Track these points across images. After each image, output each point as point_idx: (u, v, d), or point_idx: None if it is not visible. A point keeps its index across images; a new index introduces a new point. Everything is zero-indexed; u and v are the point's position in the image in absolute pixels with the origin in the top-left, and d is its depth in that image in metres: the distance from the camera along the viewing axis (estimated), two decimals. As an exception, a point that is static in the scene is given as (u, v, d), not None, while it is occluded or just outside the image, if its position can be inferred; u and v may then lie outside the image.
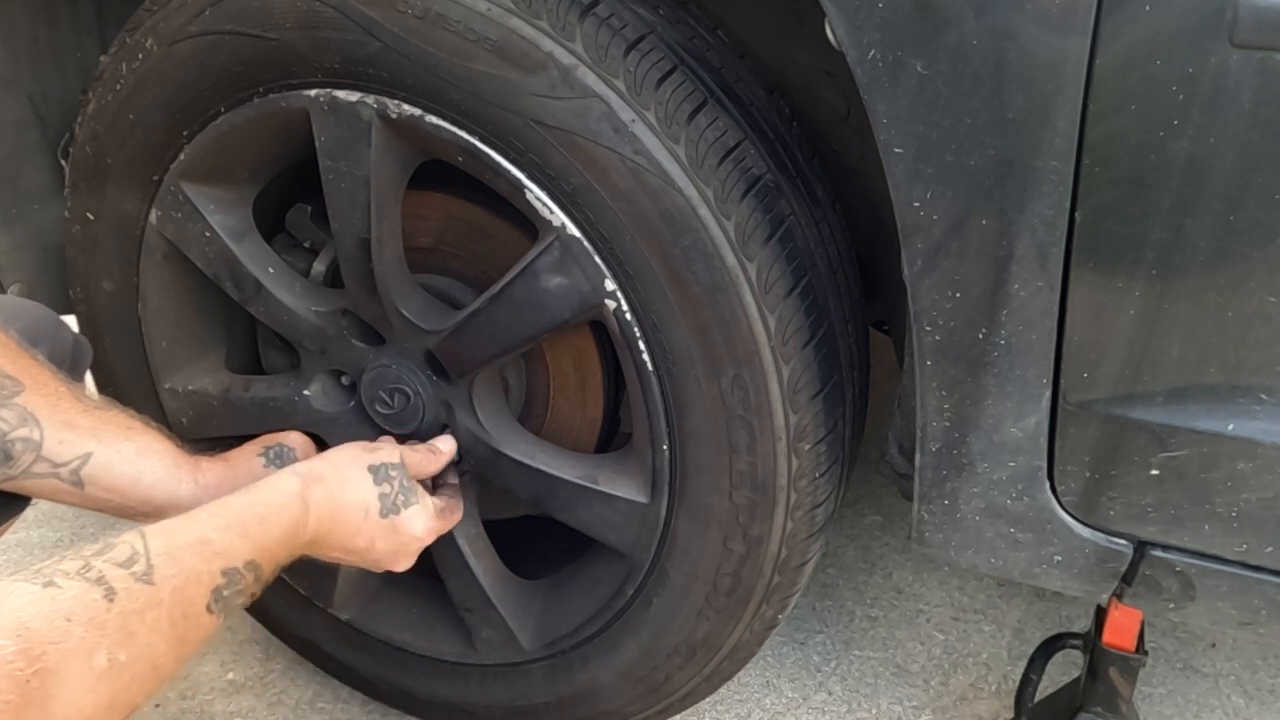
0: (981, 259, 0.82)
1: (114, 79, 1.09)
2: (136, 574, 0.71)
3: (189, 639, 0.75)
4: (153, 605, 0.71)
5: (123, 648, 0.68)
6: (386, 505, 0.99)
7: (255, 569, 0.82)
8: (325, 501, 0.94)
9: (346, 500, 0.96)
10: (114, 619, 0.68)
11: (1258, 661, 1.53)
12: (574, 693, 1.22)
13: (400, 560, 1.03)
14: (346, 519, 0.96)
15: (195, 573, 0.76)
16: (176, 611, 0.73)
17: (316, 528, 0.93)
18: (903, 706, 1.45)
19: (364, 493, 0.98)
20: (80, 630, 0.66)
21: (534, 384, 1.18)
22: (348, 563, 1.02)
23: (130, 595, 0.70)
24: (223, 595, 0.78)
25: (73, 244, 1.21)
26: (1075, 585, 0.98)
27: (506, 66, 0.91)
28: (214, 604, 0.77)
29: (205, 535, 0.80)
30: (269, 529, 0.87)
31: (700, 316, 0.95)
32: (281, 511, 0.89)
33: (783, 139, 1.00)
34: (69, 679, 0.64)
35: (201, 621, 0.76)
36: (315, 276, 1.18)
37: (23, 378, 0.89)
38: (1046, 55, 0.73)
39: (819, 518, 1.06)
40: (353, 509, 0.97)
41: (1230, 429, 0.83)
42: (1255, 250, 0.76)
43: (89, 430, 0.92)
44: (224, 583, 0.78)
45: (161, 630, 0.72)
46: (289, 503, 0.91)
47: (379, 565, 1.03)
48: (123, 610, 0.69)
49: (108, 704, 0.66)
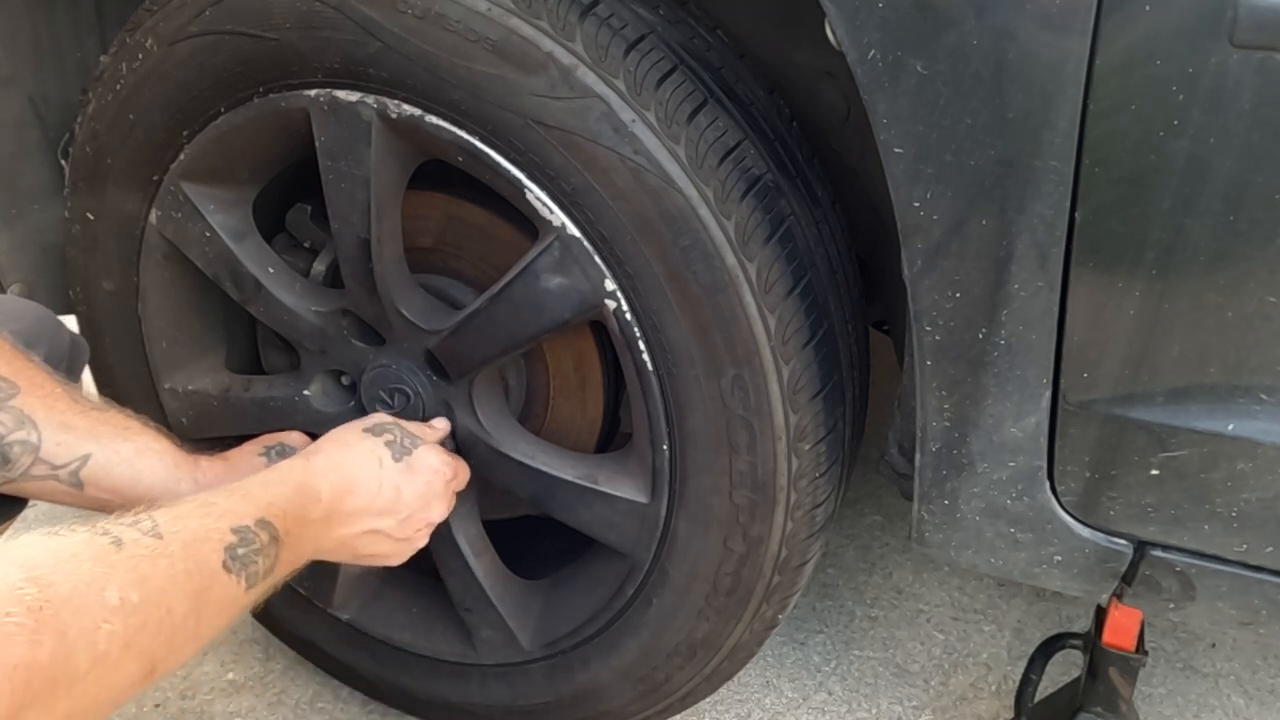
0: (981, 259, 0.82)
1: (114, 79, 1.09)
2: (143, 529, 0.70)
3: (207, 597, 0.73)
4: (163, 555, 0.70)
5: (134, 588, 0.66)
6: (396, 450, 0.98)
7: (267, 527, 0.80)
8: (331, 465, 0.93)
9: (355, 458, 0.95)
10: (123, 560, 0.67)
11: (1258, 661, 1.53)
12: (574, 693, 1.22)
13: (434, 503, 1.01)
14: (362, 476, 0.95)
15: (204, 530, 0.75)
16: (190, 563, 0.72)
17: (332, 490, 0.91)
18: (903, 706, 1.45)
19: (369, 446, 0.97)
20: (88, 565, 0.64)
21: (534, 384, 1.18)
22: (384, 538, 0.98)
23: (139, 544, 0.69)
24: (237, 554, 0.76)
25: (73, 244, 1.21)
26: (1075, 585, 0.98)
27: (506, 66, 0.91)
28: (230, 561, 0.75)
29: (209, 500, 0.79)
30: (274, 490, 0.85)
31: (700, 316, 0.95)
32: (285, 476, 0.88)
33: (783, 139, 1.00)
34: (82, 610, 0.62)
35: (220, 580, 0.74)
36: (315, 276, 1.18)
37: (19, 380, 0.89)
38: (1046, 55, 0.73)
39: (819, 518, 1.06)
40: (364, 463, 0.95)
41: (1230, 429, 0.83)
42: (1255, 250, 0.76)
43: (87, 431, 0.92)
44: (236, 540, 0.77)
45: (175, 579, 0.70)
46: (290, 469, 0.90)
47: (415, 517, 0.99)
48: (132, 554, 0.67)
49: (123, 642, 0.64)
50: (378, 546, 0.98)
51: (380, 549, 0.99)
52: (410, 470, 0.99)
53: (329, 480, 0.92)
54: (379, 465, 0.96)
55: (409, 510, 0.98)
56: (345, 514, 0.93)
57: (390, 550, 1.00)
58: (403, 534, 0.99)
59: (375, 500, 0.95)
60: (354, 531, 0.95)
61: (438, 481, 1.01)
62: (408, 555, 1.03)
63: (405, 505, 0.98)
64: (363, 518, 0.95)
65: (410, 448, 1.00)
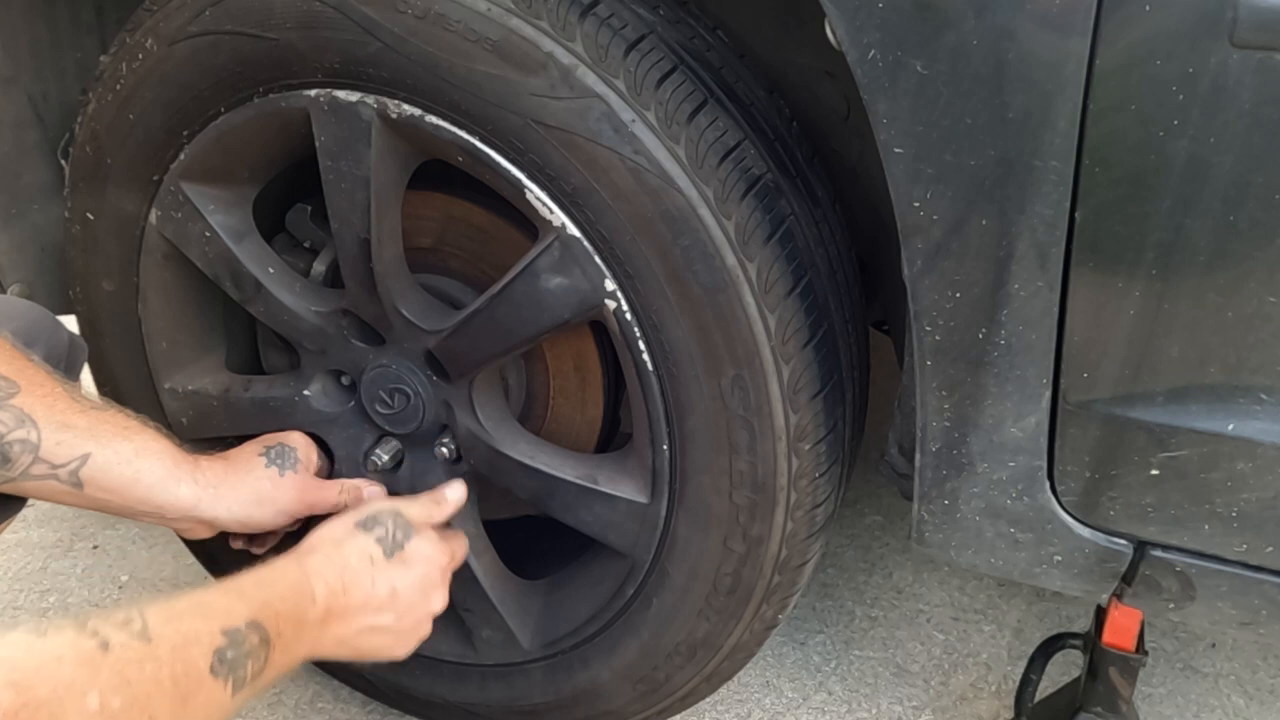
0: (981, 259, 0.82)
1: (114, 79, 1.09)
2: (133, 631, 0.69)
3: (193, 703, 0.71)
4: (150, 659, 0.69)
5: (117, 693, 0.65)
6: (387, 546, 0.97)
7: (259, 630, 0.79)
8: (325, 566, 0.91)
9: (347, 557, 0.94)
10: (108, 664, 0.66)
11: (1258, 661, 1.53)
12: (574, 693, 1.22)
13: (433, 595, 1.00)
14: (356, 575, 0.93)
15: (194, 632, 0.73)
16: (177, 668, 0.70)
17: (328, 591, 0.90)
18: (903, 706, 1.45)
19: (360, 543, 0.96)
20: (71, 670, 0.63)
21: (534, 384, 1.18)
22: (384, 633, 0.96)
23: (125, 647, 0.67)
24: (226, 657, 0.74)
25: (73, 244, 1.21)
26: (1075, 585, 0.98)
27: (506, 66, 0.91)
28: (218, 665, 0.74)
29: (202, 599, 0.77)
30: (268, 590, 0.84)
31: (700, 316, 0.95)
32: (279, 576, 0.87)
33: (783, 139, 1.00)
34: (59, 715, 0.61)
35: (205, 684, 0.73)
36: (315, 276, 1.18)
37: (18, 379, 0.89)
38: (1046, 55, 0.73)
39: (819, 518, 1.06)
40: (357, 562, 0.94)
41: (1230, 429, 0.83)
42: (1255, 250, 0.76)
43: (86, 430, 0.92)
44: (225, 643, 0.75)
45: (160, 684, 0.69)
46: (285, 569, 0.88)
47: (414, 612, 0.99)
48: (118, 659, 0.66)
49: None
50: (379, 641, 0.97)
51: (381, 643, 0.98)
52: (404, 565, 0.97)
53: (324, 580, 0.90)
54: (370, 564, 0.95)
55: (406, 604, 0.97)
56: (341, 613, 0.91)
57: (393, 643, 0.99)
58: (403, 627, 0.98)
59: (371, 599, 0.94)
60: (352, 630, 0.93)
61: (434, 572, 1.00)
62: (413, 647, 1.01)
63: (402, 600, 0.96)
64: (360, 616, 0.93)
65: (402, 541, 0.98)
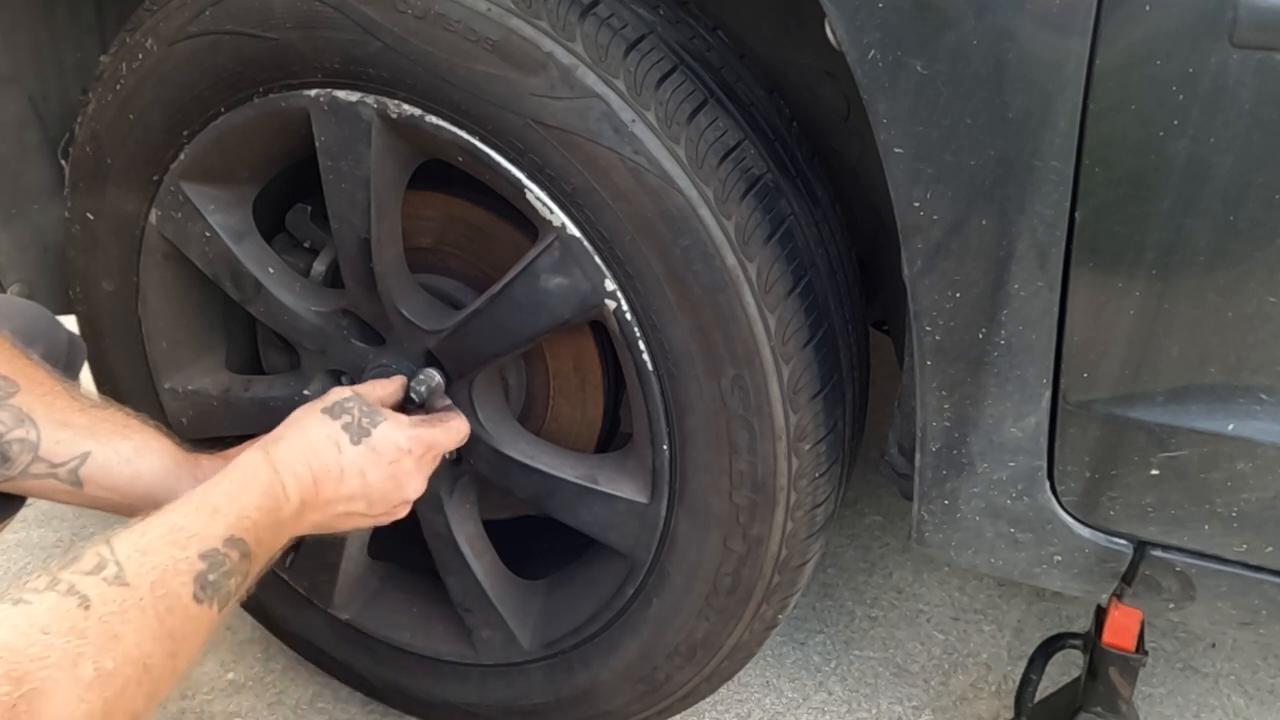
0: (981, 259, 0.82)
1: (114, 79, 1.09)
2: (108, 578, 0.68)
3: (181, 635, 0.72)
4: (133, 605, 0.68)
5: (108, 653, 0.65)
6: (354, 432, 0.94)
7: (237, 545, 0.78)
8: (293, 457, 0.90)
9: (314, 446, 0.92)
10: (94, 625, 0.66)
11: (1258, 661, 1.53)
12: (574, 693, 1.22)
13: (406, 482, 0.98)
14: (324, 464, 0.91)
15: (171, 562, 0.73)
16: (161, 606, 0.70)
17: (299, 486, 0.89)
18: (903, 706, 1.45)
19: (327, 431, 0.93)
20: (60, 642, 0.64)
21: (534, 384, 1.18)
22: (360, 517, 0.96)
23: (106, 599, 0.67)
24: (208, 581, 0.74)
25: (73, 244, 1.21)
26: (1075, 585, 0.98)
27: (506, 66, 0.91)
28: (200, 592, 0.73)
29: (174, 523, 0.76)
30: (242, 501, 0.83)
31: (700, 316, 0.95)
32: (249, 481, 0.85)
33: (783, 139, 1.00)
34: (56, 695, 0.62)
35: (191, 614, 0.73)
36: (315, 276, 1.18)
37: (17, 378, 0.89)
38: (1046, 55, 0.73)
39: (819, 518, 1.06)
40: (324, 450, 0.92)
41: (1230, 429, 0.83)
42: (1255, 250, 0.76)
43: (86, 429, 0.92)
44: (205, 567, 0.74)
45: (148, 628, 0.69)
46: (254, 470, 0.87)
47: (389, 499, 0.97)
48: (101, 615, 0.66)
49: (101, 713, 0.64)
50: (354, 521, 0.97)
51: (357, 523, 0.98)
52: (373, 453, 0.95)
53: (293, 473, 0.89)
54: (338, 450, 0.93)
55: (379, 493, 0.96)
56: (314, 504, 0.91)
57: (370, 523, 0.99)
58: (377, 511, 0.98)
59: (341, 488, 0.93)
60: (328, 516, 0.93)
61: (405, 461, 0.97)
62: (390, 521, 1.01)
63: (373, 489, 0.95)
64: (334, 505, 0.93)
65: (369, 428, 0.95)
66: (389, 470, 0.96)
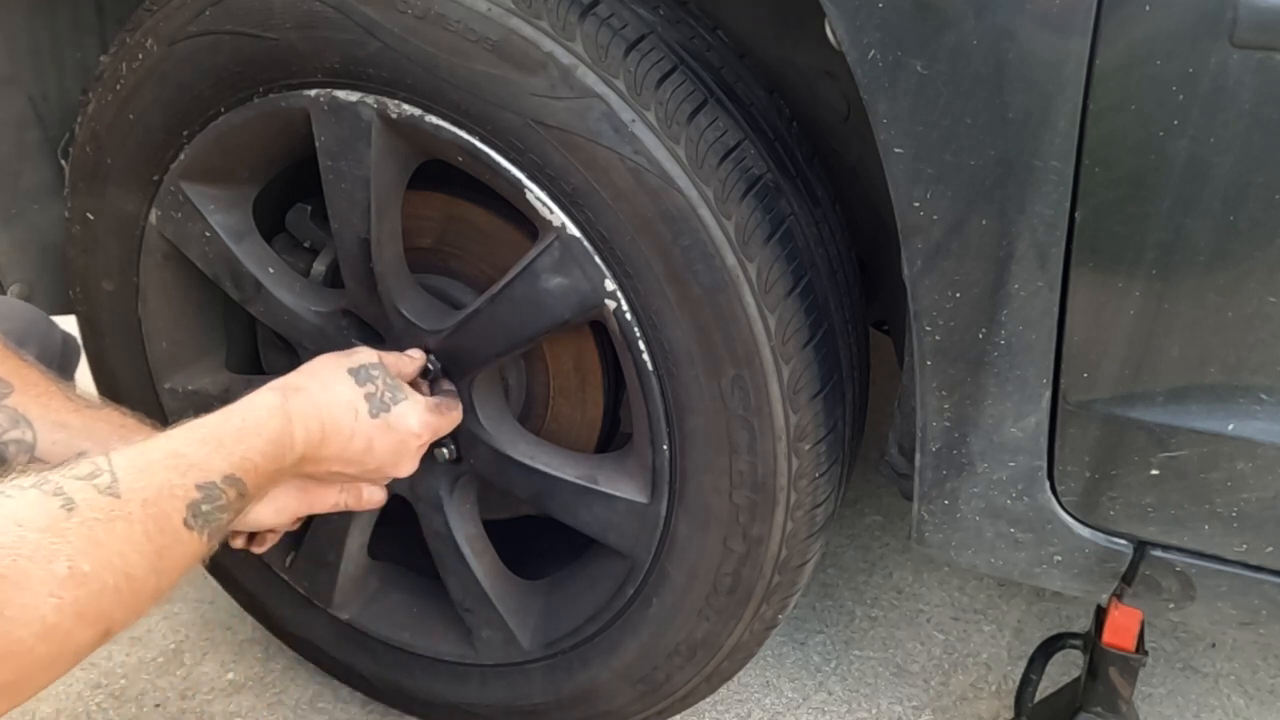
0: (981, 259, 0.82)
1: (114, 79, 1.09)
2: (100, 486, 0.67)
3: (168, 555, 0.70)
4: (120, 516, 0.67)
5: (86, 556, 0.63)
6: (375, 404, 0.95)
7: (236, 484, 0.77)
8: (310, 411, 0.89)
9: (332, 405, 0.91)
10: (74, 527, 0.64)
11: (1258, 661, 1.53)
12: (574, 693, 1.22)
13: (402, 462, 0.99)
14: (337, 425, 0.91)
15: (167, 485, 0.72)
16: (150, 525, 0.69)
17: (306, 439, 0.88)
18: (903, 706, 1.45)
19: (349, 394, 0.93)
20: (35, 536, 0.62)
21: (534, 384, 1.18)
22: (344, 477, 0.97)
23: (92, 505, 0.65)
24: (201, 511, 0.73)
25: (73, 244, 1.21)
26: (1075, 585, 0.98)
27: (506, 66, 0.91)
28: (192, 519, 0.72)
29: (177, 449, 0.75)
30: (249, 442, 0.82)
31: (700, 316, 0.95)
32: (262, 425, 0.84)
33: (783, 139, 1.00)
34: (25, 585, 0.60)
35: (181, 538, 0.71)
36: (315, 276, 1.18)
37: (12, 379, 0.89)
38: (1046, 55, 0.73)
39: (819, 517, 1.06)
40: (341, 412, 0.92)
41: (1230, 429, 0.83)
42: (1255, 250, 0.76)
43: (82, 430, 0.91)
44: (200, 497, 0.73)
45: (133, 541, 0.67)
46: (269, 415, 0.86)
47: (381, 471, 0.98)
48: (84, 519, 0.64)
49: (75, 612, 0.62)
50: (337, 480, 0.98)
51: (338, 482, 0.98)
52: (387, 428, 0.95)
53: (305, 427, 0.88)
54: (354, 417, 0.93)
55: (375, 464, 0.96)
56: (314, 458, 0.90)
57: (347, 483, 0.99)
58: (360, 477, 0.98)
59: (345, 450, 0.93)
60: (319, 470, 0.93)
61: (412, 442, 0.98)
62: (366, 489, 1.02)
63: (372, 460, 0.95)
64: (330, 463, 0.93)
65: (390, 403, 0.96)
66: (396, 448, 0.97)
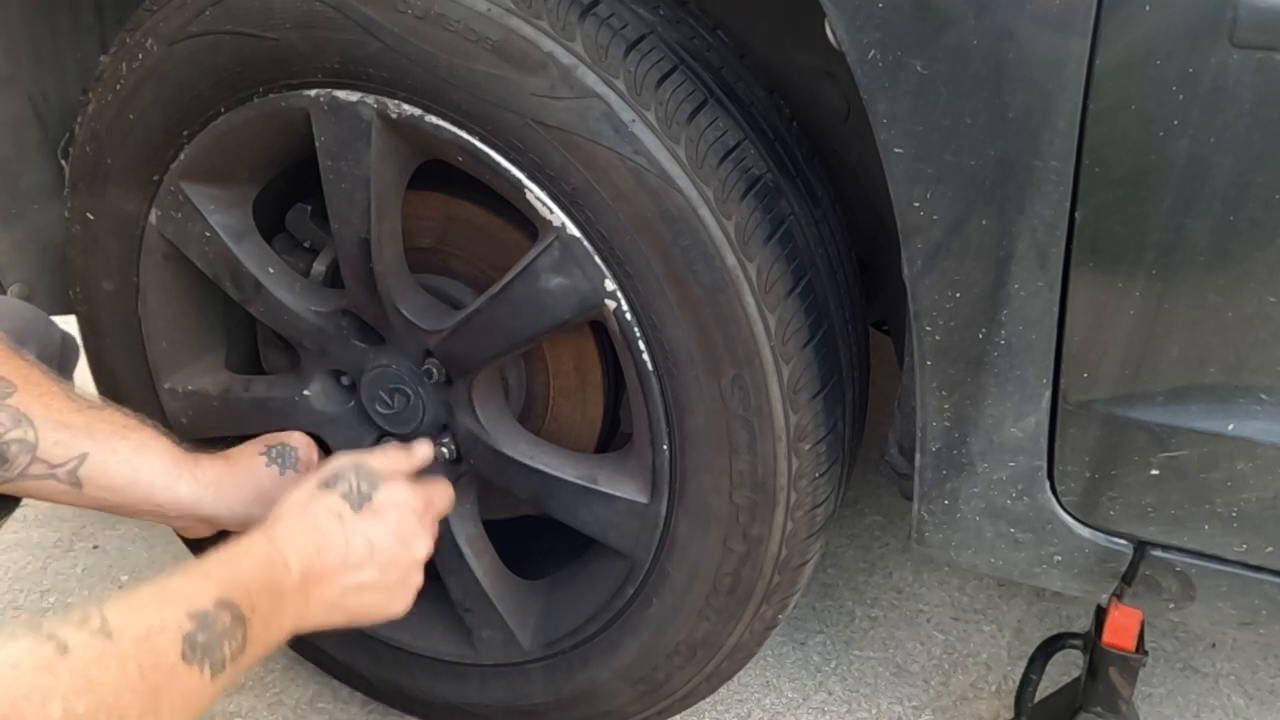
0: (981, 259, 0.82)
1: (114, 79, 1.09)
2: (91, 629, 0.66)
3: (165, 694, 0.69)
4: (113, 656, 0.66)
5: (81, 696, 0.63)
6: (354, 499, 0.93)
7: (230, 607, 0.75)
8: (295, 531, 0.88)
9: (315, 519, 0.90)
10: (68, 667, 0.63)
11: (1258, 661, 1.53)
12: (574, 693, 1.22)
13: (413, 540, 0.96)
14: (326, 535, 0.90)
15: (159, 619, 0.71)
16: (144, 661, 0.68)
17: (299, 557, 0.86)
18: (903, 706, 1.45)
19: (326, 502, 0.92)
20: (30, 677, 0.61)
21: (534, 384, 1.18)
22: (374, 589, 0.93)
23: (85, 647, 0.65)
24: (198, 642, 0.72)
25: (73, 244, 1.21)
26: (1075, 585, 0.98)
27: (506, 66, 0.91)
28: (189, 652, 0.71)
29: (164, 586, 0.75)
30: (236, 566, 0.81)
31: (700, 316, 0.95)
32: (246, 551, 0.83)
33: (783, 139, 1.00)
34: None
35: (179, 674, 0.70)
36: (315, 276, 1.18)
37: (14, 378, 0.89)
38: (1046, 55, 0.73)
39: (819, 517, 1.06)
40: (325, 521, 0.90)
41: (1230, 429, 0.83)
42: (1255, 250, 0.76)
43: (84, 429, 0.92)
44: (194, 627, 0.72)
45: (128, 680, 0.66)
46: (252, 542, 0.85)
47: (398, 564, 0.94)
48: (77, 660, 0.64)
49: None
50: (369, 599, 0.94)
51: (373, 601, 0.94)
52: (375, 516, 0.93)
53: (294, 546, 0.86)
54: (340, 520, 0.91)
55: (388, 556, 0.93)
56: (320, 576, 0.88)
57: (385, 599, 0.95)
58: (390, 580, 0.94)
59: (348, 556, 0.90)
60: (337, 592, 0.90)
61: (408, 518, 0.96)
62: (409, 599, 0.98)
63: (381, 552, 0.93)
64: (341, 575, 0.90)
65: (369, 492, 0.94)
66: (394, 532, 0.94)
